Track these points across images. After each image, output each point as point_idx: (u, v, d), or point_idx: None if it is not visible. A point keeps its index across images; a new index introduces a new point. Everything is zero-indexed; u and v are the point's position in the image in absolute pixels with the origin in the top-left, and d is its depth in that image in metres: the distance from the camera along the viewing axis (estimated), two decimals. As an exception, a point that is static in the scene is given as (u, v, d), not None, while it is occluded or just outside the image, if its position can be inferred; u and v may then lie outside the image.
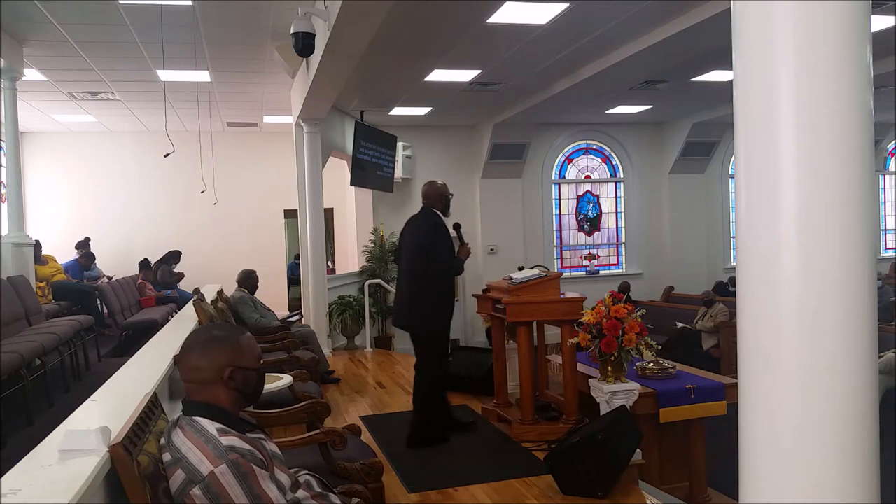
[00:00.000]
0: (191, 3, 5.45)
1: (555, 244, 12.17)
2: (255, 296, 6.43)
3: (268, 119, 10.36)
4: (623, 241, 12.52)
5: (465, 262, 4.45)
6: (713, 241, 12.49)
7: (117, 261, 10.65)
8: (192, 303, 4.93)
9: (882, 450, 1.46)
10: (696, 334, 9.55)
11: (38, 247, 8.09)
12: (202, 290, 5.40)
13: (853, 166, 1.40)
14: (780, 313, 1.43)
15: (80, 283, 8.83)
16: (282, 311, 9.68)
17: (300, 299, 8.97)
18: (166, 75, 7.37)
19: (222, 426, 1.80)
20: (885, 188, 13.60)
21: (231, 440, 1.75)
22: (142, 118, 10.00)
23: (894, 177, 13.71)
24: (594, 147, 12.31)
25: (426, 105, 9.55)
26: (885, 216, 13.62)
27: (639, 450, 3.77)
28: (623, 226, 12.49)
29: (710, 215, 12.45)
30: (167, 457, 1.76)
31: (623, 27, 6.26)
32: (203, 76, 7.65)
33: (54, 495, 1.41)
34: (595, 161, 12.37)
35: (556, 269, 11.45)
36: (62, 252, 9.72)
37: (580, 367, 4.42)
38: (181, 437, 1.77)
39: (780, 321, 1.43)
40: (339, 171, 10.54)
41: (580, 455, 3.44)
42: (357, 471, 2.66)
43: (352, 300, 8.91)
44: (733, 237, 4.59)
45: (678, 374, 4.53)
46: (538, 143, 11.52)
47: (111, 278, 9.63)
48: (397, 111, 9.71)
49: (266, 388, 2.07)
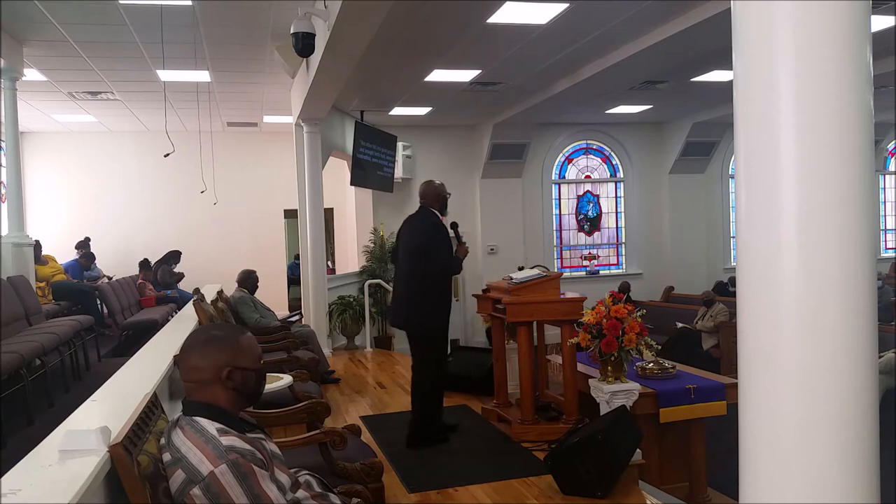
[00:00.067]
0: (191, 3, 5.45)
1: (555, 244, 12.17)
2: (255, 296, 6.43)
3: (268, 119, 10.36)
4: (623, 241, 12.52)
5: (464, 261, 4.45)
6: (713, 241, 12.49)
7: (117, 261, 10.65)
8: (192, 303, 4.93)
9: (882, 450, 1.46)
10: (696, 334, 9.54)
11: (38, 247, 8.09)
12: (202, 290, 5.40)
13: (853, 166, 1.40)
14: (780, 313, 1.43)
15: (80, 283, 8.83)
16: (282, 311, 9.68)
17: (300, 299, 8.97)
18: (166, 75, 7.37)
19: (222, 426, 1.80)
20: (885, 188, 13.61)
21: (231, 440, 1.75)
22: (142, 118, 10.00)
23: (894, 177, 13.71)
24: (594, 147, 12.31)
25: (426, 105, 9.55)
26: (885, 216, 13.62)
27: (639, 450, 3.77)
28: (623, 226, 12.49)
29: (710, 215, 12.45)
30: (167, 457, 1.76)
31: (623, 27, 6.26)
32: (203, 76, 7.65)
33: (54, 495, 1.41)
34: (595, 161, 12.36)
35: (556, 269, 11.45)
36: (62, 252, 9.72)
37: (580, 367, 4.42)
38: (181, 437, 1.77)
39: (780, 321, 1.43)
40: (339, 171, 10.54)
41: (580, 455, 3.44)
42: (357, 471, 2.66)
43: (352, 300, 8.91)
44: (733, 237, 4.59)
45: (678, 374, 4.53)
46: (538, 143, 11.52)
47: (111, 278, 9.64)
48: (397, 111, 9.71)
49: (266, 388, 2.06)
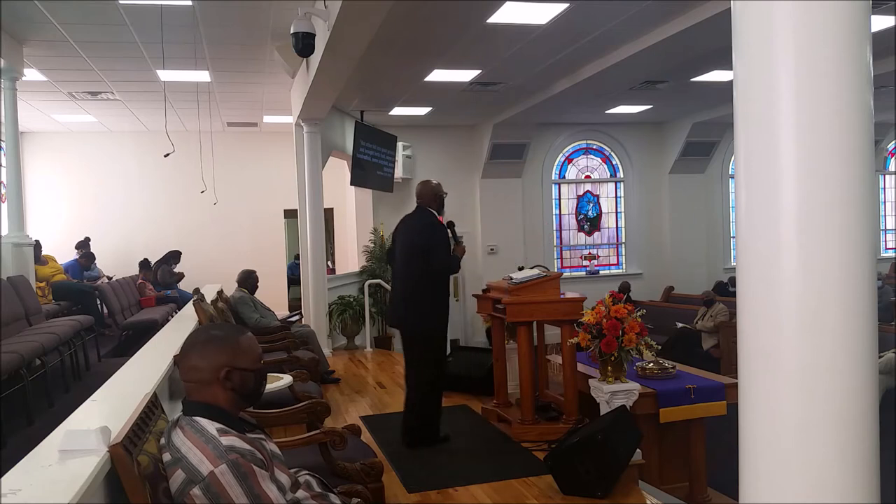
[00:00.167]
0: (191, 3, 5.45)
1: (555, 244, 12.17)
2: (255, 296, 6.43)
3: (268, 119, 10.36)
4: (623, 241, 12.52)
5: (461, 260, 4.44)
6: (713, 241, 12.48)
7: (117, 261, 10.65)
8: (192, 303, 4.93)
9: (882, 450, 1.46)
10: (696, 334, 9.54)
11: (38, 247, 8.09)
12: (202, 290, 5.40)
13: (853, 166, 1.40)
14: (780, 313, 1.43)
15: (80, 283, 8.83)
16: (282, 311, 9.68)
17: (300, 299, 8.97)
18: (166, 75, 7.37)
19: (222, 426, 1.80)
20: (885, 188, 13.61)
21: (231, 440, 1.75)
22: (142, 118, 10.00)
23: (894, 177, 13.71)
24: (594, 147, 12.31)
25: (426, 105, 9.55)
26: (885, 216, 13.62)
27: (639, 450, 3.77)
28: (623, 226, 12.49)
29: (710, 215, 12.45)
30: (167, 457, 1.76)
31: (623, 27, 6.26)
32: (203, 76, 7.65)
33: (54, 495, 1.41)
34: (595, 161, 12.36)
35: (556, 269, 11.45)
36: (62, 252, 9.72)
37: (580, 367, 4.42)
38: (181, 437, 1.77)
39: (780, 321, 1.43)
40: (339, 171, 10.53)
41: (580, 455, 3.44)
42: (357, 471, 2.66)
43: (352, 300, 8.91)
44: (733, 237, 4.59)
45: (678, 374, 4.53)
46: (538, 143, 11.52)
47: (111, 278, 9.63)
48: (397, 111, 9.71)
49: (266, 388, 2.06)
